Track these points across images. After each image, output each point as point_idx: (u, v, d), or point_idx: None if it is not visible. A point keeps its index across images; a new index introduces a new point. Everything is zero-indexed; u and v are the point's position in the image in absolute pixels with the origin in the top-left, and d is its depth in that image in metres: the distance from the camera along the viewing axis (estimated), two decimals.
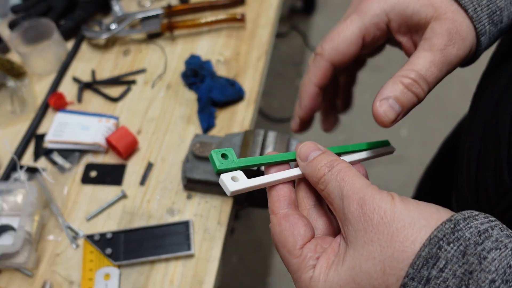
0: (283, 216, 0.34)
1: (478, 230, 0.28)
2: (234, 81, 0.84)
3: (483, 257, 0.26)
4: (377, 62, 2.00)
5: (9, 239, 0.70)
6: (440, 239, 0.28)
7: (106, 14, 1.00)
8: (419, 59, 0.38)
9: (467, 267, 0.27)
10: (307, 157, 0.35)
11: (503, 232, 0.28)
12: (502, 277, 0.26)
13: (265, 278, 1.53)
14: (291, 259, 0.32)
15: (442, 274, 0.27)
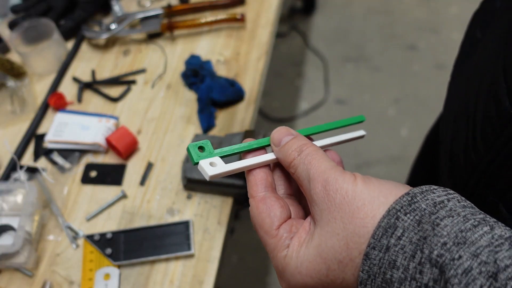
0: (260, 199, 0.36)
1: (434, 202, 0.30)
2: (234, 81, 0.84)
3: (436, 224, 0.28)
4: (377, 63, 2.01)
5: (9, 239, 0.70)
6: (398, 210, 0.30)
7: (106, 14, 1.00)
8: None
9: (422, 234, 0.29)
10: (279, 142, 0.37)
11: (459, 203, 0.30)
12: (454, 240, 0.27)
13: (265, 278, 1.53)
14: (268, 239, 0.35)
15: (399, 241, 0.29)
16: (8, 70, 0.87)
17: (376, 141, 1.82)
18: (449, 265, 0.27)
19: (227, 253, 1.54)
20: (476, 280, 0.26)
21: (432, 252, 0.28)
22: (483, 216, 0.30)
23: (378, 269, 0.30)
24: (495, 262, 0.26)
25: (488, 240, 0.27)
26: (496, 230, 0.28)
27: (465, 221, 0.29)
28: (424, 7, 2.20)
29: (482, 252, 0.27)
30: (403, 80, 1.98)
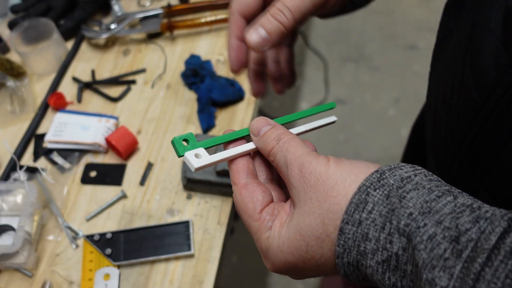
0: (243, 185, 0.38)
1: (401, 177, 0.32)
2: (234, 81, 0.84)
3: (403, 197, 0.31)
4: (377, 63, 2.01)
5: (8, 239, 0.70)
6: (368, 186, 0.32)
7: (106, 14, 1.00)
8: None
9: (390, 207, 0.31)
10: (259, 132, 0.39)
11: (426, 177, 0.32)
12: (419, 210, 0.30)
13: (265, 278, 1.52)
14: (251, 223, 0.37)
15: (370, 215, 0.31)
16: (7, 70, 0.87)
17: (376, 141, 1.82)
18: (415, 233, 0.29)
19: (227, 253, 1.54)
20: (440, 244, 0.28)
21: (399, 223, 0.30)
22: (448, 187, 0.31)
23: (353, 242, 0.32)
24: (456, 227, 0.28)
25: (451, 208, 0.29)
26: (459, 199, 0.30)
27: (430, 193, 0.30)
28: (424, 7, 2.20)
29: (445, 219, 0.29)
30: (403, 80, 1.98)
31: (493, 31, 0.42)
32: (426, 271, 0.28)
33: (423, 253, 0.28)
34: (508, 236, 0.27)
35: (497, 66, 0.41)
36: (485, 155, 0.45)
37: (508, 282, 0.25)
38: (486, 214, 0.29)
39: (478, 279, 0.26)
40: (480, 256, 0.26)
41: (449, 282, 0.27)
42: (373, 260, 0.31)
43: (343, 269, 0.33)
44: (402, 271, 0.30)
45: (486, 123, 0.44)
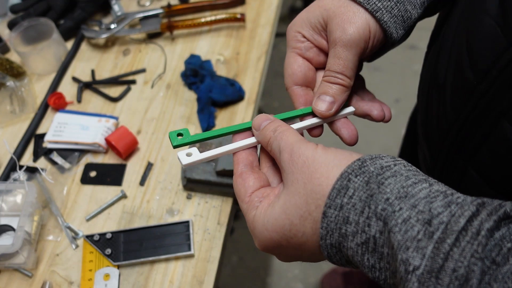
0: (239, 174, 0.41)
1: (381, 166, 0.34)
2: (234, 81, 0.84)
3: (381, 183, 0.33)
4: (377, 63, 2.00)
5: (8, 240, 0.70)
6: (349, 173, 0.34)
7: (105, 14, 1.00)
8: (329, 58, 0.45)
9: (369, 192, 0.33)
10: (259, 127, 0.42)
11: (405, 167, 0.34)
12: (396, 195, 0.32)
13: (265, 278, 1.52)
14: (242, 205, 0.40)
15: (351, 200, 0.33)
16: (7, 70, 0.87)
17: (376, 141, 1.82)
18: (391, 216, 0.31)
19: (227, 253, 1.54)
20: (414, 227, 0.30)
21: (377, 207, 0.32)
22: (425, 177, 0.34)
23: (335, 225, 0.34)
24: (429, 210, 0.30)
25: (426, 193, 0.31)
26: (434, 186, 0.32)
27: (407, 179, 0.33)
28: None
29: (419, 203, 0.31)
30: (403, 80, 1.97)
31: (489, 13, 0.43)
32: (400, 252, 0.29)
33: (398, 235, 0.30)
34: (476, 219, 0.29)
35: (493, 48, 0.42)
36: (475, 135, 0.47)
37: (473, 260, 0.27)
38: (457, 199, 0.31)
39: (447, 258, 0.28)
40: (449, 237, 0.28)
41: (422, 262, 0.29)
42: (353, 242, 0.33)
43: (326, 250, 0.35)
44: (380, 253, 0.32)
45: (479, 103, 0.45)
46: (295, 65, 0.48)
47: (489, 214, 0.29)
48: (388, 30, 0.45)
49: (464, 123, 0.48)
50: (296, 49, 0.48)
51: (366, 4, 0.43)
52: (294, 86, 0.49)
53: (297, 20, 0.48)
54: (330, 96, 0.45)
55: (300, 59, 0.48)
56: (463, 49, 0.47)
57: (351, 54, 0.44)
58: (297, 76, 0.48)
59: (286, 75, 0.49)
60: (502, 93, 0.42)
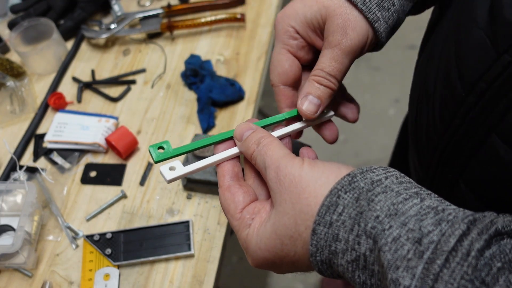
0: (226, 187, 0.40)
1: (372, 181, 0.33)
2: (234, 81, 0.84)
3: (371, 200, 0.32)
4: (377, 63, 2.00)
5: (8, 240, 0.70)
6: (339, 190, 0.34)
7: (106, 14, 1.00)
8: (322, 57, 0.44)
9: (359, 209, 0.32)
10: (241, 137, 0.41)
11: (397, 180, 0.34)
12: (386, 213, 0.31)
13: (265, 278, 1.52)
14: (233, 222, 0.39)
15: (340, 217, 0.33)
16: (7, 70, 0.87)
17: (376, 141, 1.82)
18: (381, 235, 0.30)
19: (227, 253, 1.53)
20: (404, 245, 0.29)
21: (366, 225, 0.31)
22: (417, 190, 0.33)
23: (324, 242, 0.33)
24: (420, 229, 0.30)
25: (416, 210, 0.31)
26: (425, 201, 0.32)
27: (397, 196, 0.32)
28: None
29: (409, 221, 0.30)
30: (403, 80, 1.98)
31: (479, 24, 0.42)
32: (390, 271, 0.29)
33: (387, 254, 0.30)
34: (466, 238, 0.28)
35: (482, 59, 0.42)
36: (465, 148, 0.46)
37: (463, 282, 0.27)
38: (448, 216, 0.30)
39: (437, 280, 0.27)
40: (439, 257, 0.28)
41: (411, 282, 0.28)
42: (343, 259, 0.33)
43: (317, 266, 0.35)
44: (370, 270, 0.32)
45: (468, 116, 0.44)
46: (287, 64, 0.46)
47: (479, 233, 0.28)
48: (381, 40, 0.45)
49: (454, 135, 0.47)
50: (288, 46, 0.46)
51: (367, 13, 0.42)
52: (282, 85, 0.47)
53: (290, 11, 0.45)
54: (317, 98, 0.44)
55: (291, 57, 0.47)
56: (452, 59, 0.46)
57: (348, 59, 0.43)
58: (288, 76, 0.47)
59: (276, 72, 0.47)
60: (491, 106, 0.42)
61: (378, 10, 0.43)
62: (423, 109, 0.54)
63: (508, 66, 0.39)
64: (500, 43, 0.40)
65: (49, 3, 0.96)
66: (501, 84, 0.40)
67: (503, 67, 0.39)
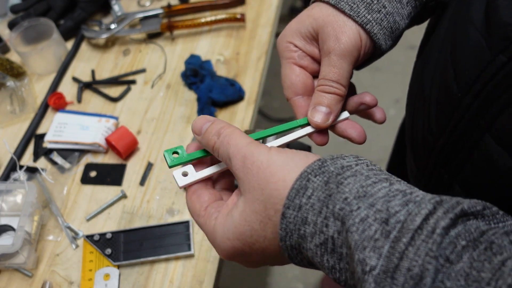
0: (192, 191, 0.41)
1: (342, 166, 0.34)
2: (234, 81, 0.84)
3: (340, 183, 0.32)
4: (377, 63, 2.00)
5: (8, 240, 0.70)
6: (309, 173, 0.34)
7: (106, 14, 1.00)
8: (322, 67, 0.45)
9: (328, 192, 0.32)
10: (200, 131, 0.40)
11: (367, 167, 0.34)
12: (355, 195, 0.31)
13: (265, 278, 1.52)
14: (199, 219, 0.39)
15: (310, 200, 0.33)
16: (7, 70, 0.87)
17: (376, 141, 1.82)
18: (349, 215, 0.31)
19: None
20: (371, 226, 0.30)
21: (335, 207, 0.32)
22: (387, 176, 0.33)
23: (294, 226, 0.33)
24: (387, 209, 0.30)
25: (385, 192, 0.31)
26: (395, 185, 0.32)
27: (367, 179, 0.32)
28: None
29: (377, 202, 0.30)
30: (404, 80, 1.97)
31: (475, 25, 0.42)
32: (357, 252, 0.29)
33: (355, 235, 0.30)
34: (432, 217, 0.28)
35: (478, 60, 0.42)
36: (461, 151, 0.46)
37: (428, 259, 0.27)
38: (416, 198, 0.30)
39: (402, 257, 0.28)
40: (405, 236, 0.28)
41: (378, 262, 0.28)
42: (312, 243, 0.33)
43: (287, 252, 0.35)
44: (339, 254, 0.32)
45: (464, 117, 0.44)
46: (293, 75, 0.47)
47: (445, 212, 0.29)
48: (378, 42, 0.45)
49: (449, 137, 0.47)
50: (290, 59, 0.47)
51: (356, 17, 0.43)
52: (295, 96, 0.48)
53: (287, 31, 0.48)
54: (325, 107, 0.44)
55: (297, 68, 0.47)
56: (448, 61, 0.46)
57: (346, 63, 0.44)
58: (297, 86, 0.47)
59: (286, 86, 0.48)
60: (486, 106, 0.42)
61: (368, 13, 0.44)
62: (419, 110, 0.54)
63: (503, 67, 0.39)
64: (495, 44, 0.40)
65: (49, 3, 0.96)
66: (495, 85, 0.40)
67: (498, 67, 0.39)
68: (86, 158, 0.79)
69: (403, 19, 0.47)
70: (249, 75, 0.87)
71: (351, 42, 0.43)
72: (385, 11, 0.44)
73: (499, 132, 0.41)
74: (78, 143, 0.79)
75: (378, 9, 0.44)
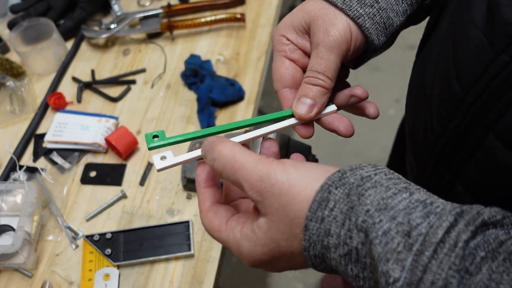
0: (207, 210, 0.40)
1: (362, 176, 0.34)
2: (234, 81, 0.84)
3: (362, 195, 0.33)
4: (377, 63, 2.00)
5: (8, 240, 0.70)
6: (329, 185, 0.34)
7: (105, 13, 1.00)
8: (311, 58, 0.45)
9: (350, 204, 0.33)
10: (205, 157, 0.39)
11: (386, 176, 0.34)
12: (376, 207, 0.32)
13: (265, 278, 1.52)
14: (221, 235, 0.39)
15: (332, 212, 0.33)
16: (7, 69, 0.87)
17: (376, 141, 1.82)
18: (371, 228, 0.31)
19: (227, 253, 1.53)
20: (394, 239, 0.30)
21: (357, 219, 0.32)
22: (406, 185, 0.34)
23: (317, 237, 0.34)
24: (408, 222, 0.30)
25: (406, 204, 0.31)
26: (414, 195, 0.32)
27: (387, 190, 0.33)
28: None
29: (399, 215, 0.31)
30: (404, 80, 1.97)
31: (476, 23, 0.42)
32: (381, 264, 0.30)
33: (378, 247, 0.30)
34: (453, 230, 0.29)
35: (480, 59, 0.41)
36: (462, 150, 0.46)
37: (451, 273, 0.27)
38: (436, 209, 0.31)
39: (425, 271, 0.28)
40: (428, 249, 0.29)
41: (401, 274, 0.29)
42: (336, 254, 0.33)
43: (310, 260, 0.35)
44: (363, 263, 0.32)
45: (466, 116, 0.44)
46: (282, 68, 0.48)
47: (466, 224, 0.29)
48: (369, 37, 0.45)
49: (451, 137, 0.47)
50: (281, 52, 0.48)
51: (348, 10, 0.43)
52: (283, 89, 0.48)
53: (281, 24, 0.48)
54: (310, 99, 0.45)
55: (286, 61, 0.48)
56: (450, 60, 0.46)
57: (333, 55, 0.44)
58: (285, 78, 0.48)
59: (275, 78, 0.48)
60: (489, 106, 0.42)
61: (360, 7, 0.44)
62: (421, 110, 0.54)
63: (505, 66, 0.39)
64: (497, 43, 0.40)
65: (49, 3, 0.96)
66: (499, 84, 0.40)
67: (500, 66, 0.39)
68: (86, 158, 0.79)
69: (397, 16, 0.47)
70: (249, 75, 0.87)
71: (340, 35, 0.43)
72: (378, 6, 0.45)
73: (503, 131, 0.41)
74: (78, 143, 0.78)
75: (371, 3, 0.44)
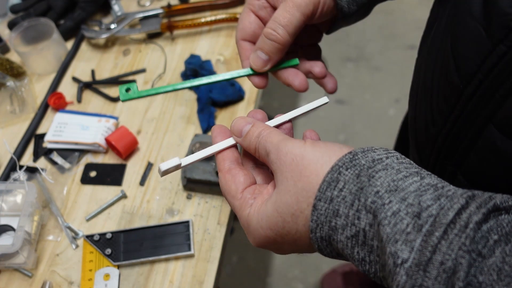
0: (227, 170, 0.41)
1: (373, 159, 0.34)
2: (234, 81, 0.84)
3: (372, 176, 0.33)
4: (377, 63, 2.01)
5: (8, 240, 0.70)
6: (340, 166, 0.34)
7: (105, 14, 1.00)
8: (277, 10, 0.46)
9: (360, 185, 0.33)
10: (240, 133, 0.41)
11: (397, 160, 0.34)
12: (386, 189, 0.32)
13: (265, 278, 1.52)
14: (234, 202, 0.40)
15: (341, 193, 0.33)
16: (7, 70, 0.87)
17: (376, 141, 1.82)
18: (380, 209, 0.31)
19: (227, 253, 1.53)
20: (403, 219, 0.30)
21: (367, 200, 0.32)
22: (417, 170, 0.33)
23: (325, 218, 0.34)
24: (419, 203, 0.30)
25: (416, 186, 0.31)
26: (426, 179, 0.32)
27: (398, 173, 0.33)
28: (424, 7, 2.20)
29: (409, 196, 0.31)
30: (404, 80, 1.98)
31: (474, 16, 0.43)
32: (389, 245, 0.30)
33: (387, 228, 0.30)
34: (464, 212, 0.29)
35: (478, 51, 0.42)
36: (464, 140, 0.47)
37: (461, 253, 0.27)
38: (448, 192, 0.31)
39: (435, 251, 0.28)
40: (438, 230, 0.28)
41: (410, 255, 0.29)
42: (343, 235, 0.33)
43: (316, 243, 0.35)
44: (369, 246, 0.32)
45: (466, 108, 0.45)
46: (247, 21, 0.50)
47: (478, 206, 0.29)
48: (339, 4, 0.47)
49: (452, 128, 0.48)
50: (251, 5, 0.50)
51: None
52: (242, 40, 0.50)
53: None
54: (265, 54, 0.47)
55: (252, 15, 0.50)
56: (449, 52, 0.47)
57: (299, 12, 0.45)
58: (246, 31, 0.50)
59: (238, 29, 0.51)
60: (488, 96, 0.42)
61: None
62: (422, 103, 0.55)
63: (503, 56, 0.40)
64: (495, 34, 0.40)
65: (49, 3, 0.96)
66: (497, 75, 0.41)
67: (498, 57, 0.40)
68: (86, 158, 0.79)
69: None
70: None
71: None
72: None
73: (503, 121, 0.42)
74: (78, 143, 0.79)
75: None
